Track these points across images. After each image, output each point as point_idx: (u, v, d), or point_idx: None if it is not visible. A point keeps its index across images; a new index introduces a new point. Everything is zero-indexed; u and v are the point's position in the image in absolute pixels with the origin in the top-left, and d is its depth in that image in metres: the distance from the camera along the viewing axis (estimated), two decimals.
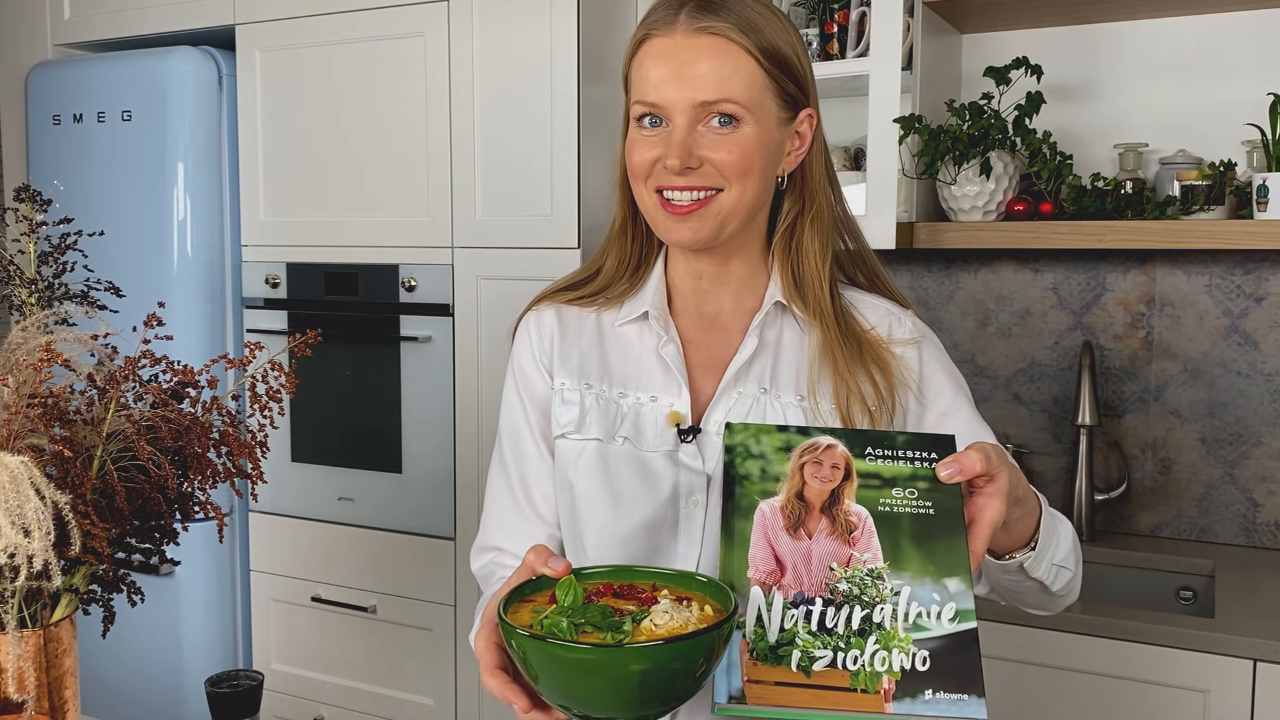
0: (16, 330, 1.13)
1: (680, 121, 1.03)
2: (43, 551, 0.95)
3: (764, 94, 1.05)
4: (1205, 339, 2.22)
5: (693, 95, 1.02)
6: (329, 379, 2.51)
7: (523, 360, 1.20)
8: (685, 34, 1.03)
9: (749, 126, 1.04)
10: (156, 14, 2.66)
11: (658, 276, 1.16)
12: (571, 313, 1.19)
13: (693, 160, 1.03)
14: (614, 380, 1.14)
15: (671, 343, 1.12)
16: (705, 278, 1.14)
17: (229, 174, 2.61)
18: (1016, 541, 0.98)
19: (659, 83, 1.04)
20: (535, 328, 1.20)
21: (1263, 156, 2.00)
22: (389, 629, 2.49)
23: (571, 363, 1.16)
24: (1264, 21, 2.14)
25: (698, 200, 1.05)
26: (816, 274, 1.11)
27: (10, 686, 1.06)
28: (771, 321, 1.13)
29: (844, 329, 1.10)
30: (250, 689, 1.22)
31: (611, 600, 0.85)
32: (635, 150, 1.07)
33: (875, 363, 1.09)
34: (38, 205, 1.32)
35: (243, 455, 1.18)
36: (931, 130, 2.09)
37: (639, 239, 1.17)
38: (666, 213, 1.06)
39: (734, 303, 1.15)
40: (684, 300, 1.16)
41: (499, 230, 2.29)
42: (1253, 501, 2.20)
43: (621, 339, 1.16)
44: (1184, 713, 1.74)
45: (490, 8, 2.26)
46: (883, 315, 1.14)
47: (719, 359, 1.12)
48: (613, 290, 1.17)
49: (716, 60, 1.03)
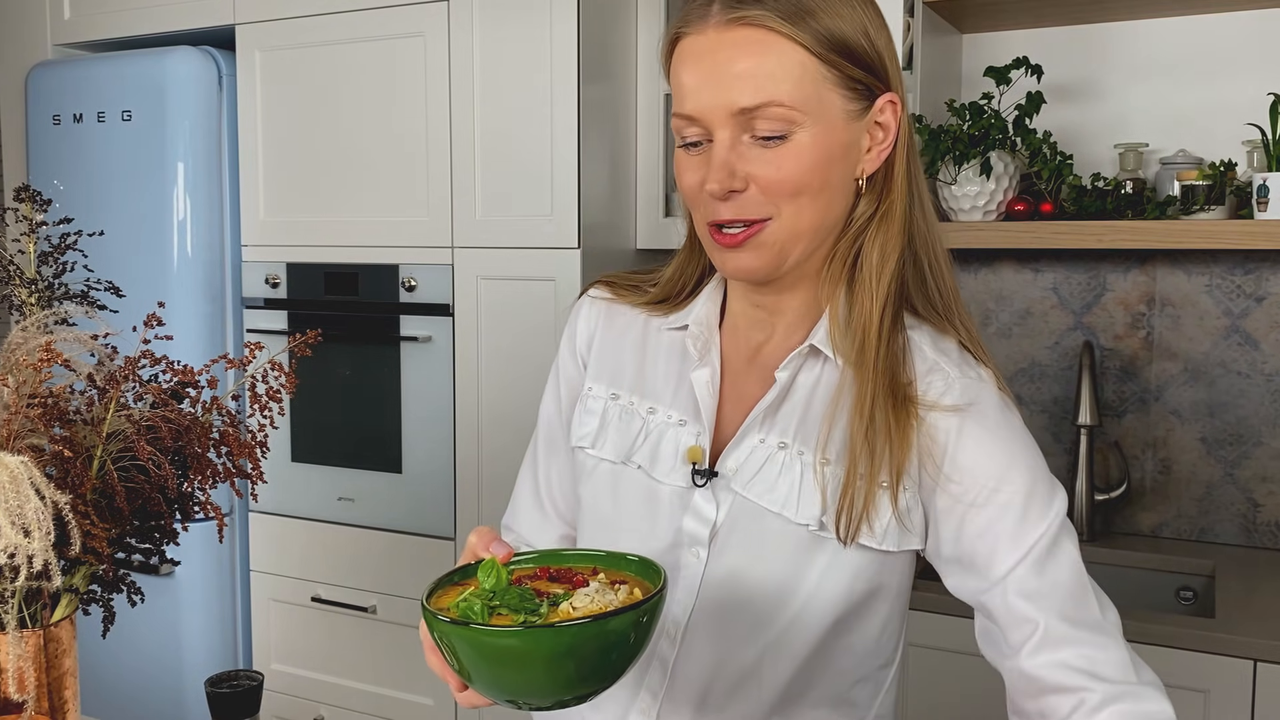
0: (16, 330, 1.13)
1: (721, 136, 0.88)
2: (43, 551, 0.95)
3: (821, 87, 0.88)
4: (1206, 339, 2.22)
5: (731, 101, 0.87)
6: (329, 379, 2.51)
7: (565, 346, 1.12)
8: (719, 28, 0.87)
9: (804, 133, 0.88)
10: (156, 14, 2.66)
11: (710, 290, 1.04)
12: (621, 309, 1.09)
13: (737, 182, 0.88)
14: (645, 393, 1.04)
15: (706, 367, 0.99)
16: (761, 306, 1.00)
17: (229, 174, 2.61)
18: None
19: (693, 90, 0.89)
20: (587, 314, 1.11)
21: (1263, 156, 2.00)
22: (389, 629, 2.48)
23: (606, 366, 1.07)
24: (1264, 21, 2.14)
25: (744, 229, 0.90)
26: (869, 293, 0.92)
27: (10, 686, 1.06)
28: (812, 363, 0.97)
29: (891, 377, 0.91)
30: (250, 689, 1.22)
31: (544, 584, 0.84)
32: (682, 173, 0.93)
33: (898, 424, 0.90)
34: (38, 205, 1.32)
35: (243, 455, 1.18)
36: (932, 130, 2.09)
37: (699, 256, 1.04)
38: (717, 244, 0.92)
39: (783, 335, 0.99)
40: (734, 321, 1.02)
41: (499, 230, 2.29)
42: (1253, 502, 2.20)
43: (664, 348, 1.05)
44: (1184, 713, 1.74)
45: (490, 8, 2.26)
46: (930, 367, 0.93)
47: (751, 395, 0.99)
48: (669, 299, 1.05)
49: (756, 57, 0.86)
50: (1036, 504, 0.90)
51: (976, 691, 1.88)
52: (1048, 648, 0.89)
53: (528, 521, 1.19)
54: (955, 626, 1.88)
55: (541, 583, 0.84)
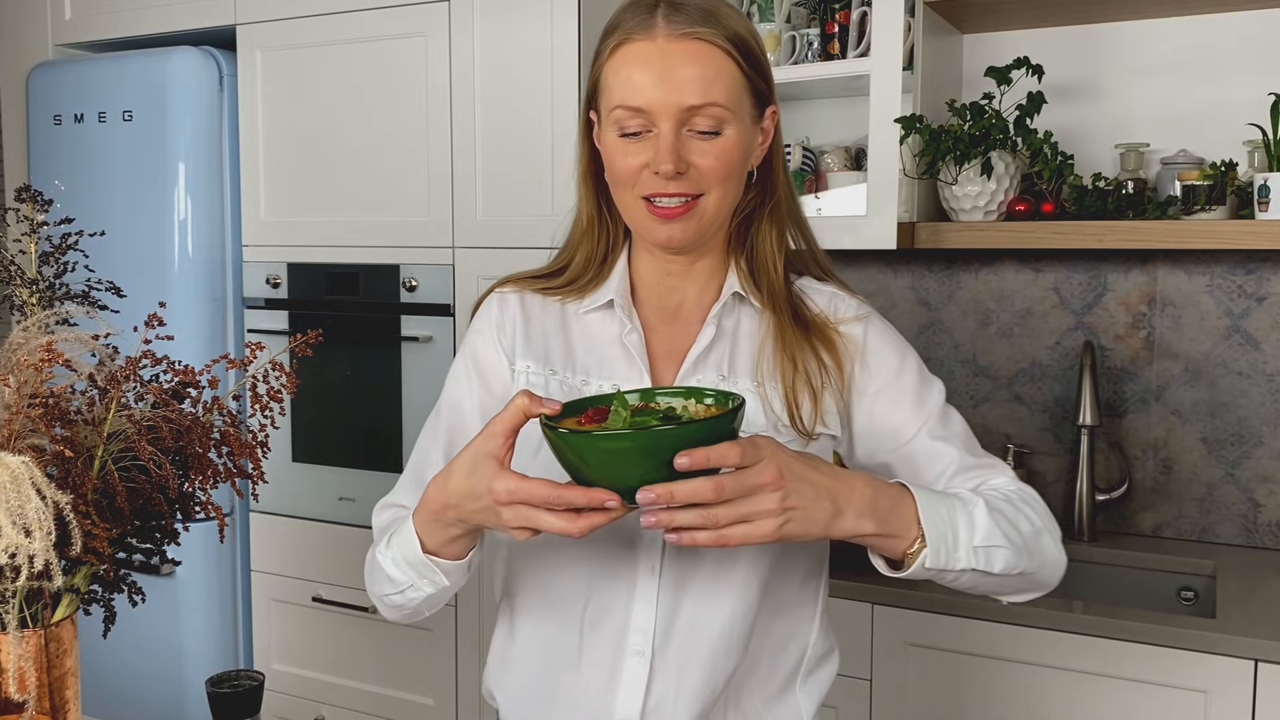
0: (17, 330, 1.14)
1: (666, 126, 1.05)
2: (44, 551, 0.95)
3: (742, 95, 1.08)
4: (1206, 339, 2.22)
5: (680, 99, 1.04)
6: (330, 379, 2.51)
7: (481, 339, 1.21)
8: (668, 39, 1.05)
9: (731, 129, 1.07)
10: (157, 14, 2.66)
11: (622, 268, 1.19)
12: (535, 300, 1.21)
13: (682, 165, 1.06)
14: (577, 368, 1.16)
15: (635, 331, 1.15)
16: (673, 273, 1.18)
17: (230, 174, 2.62)
18: (899, 544, 1.00)
19: (642, 88, 1.05)
20: (499, 309, 1.21)
21: (1264, 156, 2.00)
22: (389, 629, 2.49)
23: (536, 348, 1.18)
24: (1264, 21, 2.14)
25: (684, 204, 1.08)
26: (773, 262, 1.16)
27: (11, 686, 1.06)
28: (730, 311, 1.17)
29: (795, 313, 1.15)
30: (251, 689, 1.22)
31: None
32: (619, 158, 1.09)
33: (822, 342, 1.14)
34: (39, 205, 1.32)
35: (243, 455, 1.18)
36: (932, 130, 2.09)
37: (606, 234, 1.20)
38: (653, 216, 1.09)
39: (696, 294, 1.18)
40: (648, 291, 1.19)
41: (500, 230, 2.29)
42: (1254, 502, 2.20)
43: (585, 327, 1.18)
44: (1184, 713, 1.74)
45: (491, 8, 2.26)
46: (828, 299, 1.19)
47: (679, 348, 1.16)
48: (579, 282, 1.19)
49: (701, 65, 1.05)
50: (926, 382, 1.17)
51: (977, 691, 1.88)
52: (959, 476, 1.13)
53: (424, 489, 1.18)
54: (955, 626, 1.88)
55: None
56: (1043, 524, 1.10)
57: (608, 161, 1.12)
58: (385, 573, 1.09)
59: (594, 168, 1.17)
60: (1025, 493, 1.12)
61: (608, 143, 1.11)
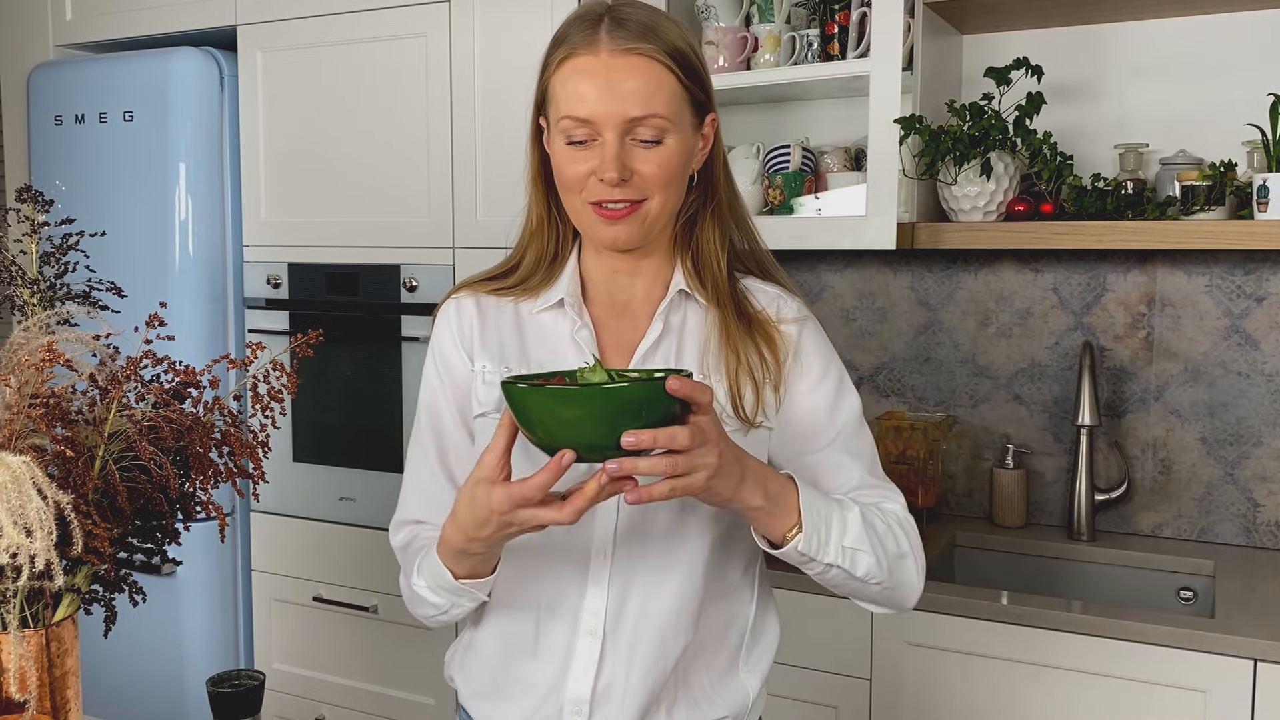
0: (18, 330, 1.14)
1: (610, 136, 1.12)
2: (45, 551, 0.95)
3: (682, 106, 1.14)
4: (1205, 339, 2.22)
5: (623, 111, 1.11)
6: (330, 379, 2.51)
7: (443, 343, 1.26)
8: (611, 54, 1.11)
9: (672, 138, 1.13)
10: (158, 14, 2.66)
11: (572, 267, 1.25)
12: (490, 301, 1.26)
13: (626, 172, 1.12)
14: (531, 364, 1.22)
15: (586, 328, 1.21)
16: (621, 271, 1.24)
17: (230, 174, 2.62)
18: (779, 524, 1.08)
19: (590, 99, 1.11)
20: (456, 314, 1.26)
21: (1263, 157, 2.00)
22: (390, 629, 2.49)
23: (492, 347, 1.23)
24: (1264, 21, 2.14)
25: (627, 206, 1.14)
26: (716, 260, 1.22)
27: (12, 686, 1.06)
28: (676, 307, 1.22)
29: (738, 309, 1.21)
30: (251, 689, 1.22)
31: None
32: (568, 164, 1.15)
33: (763, 339, 1.20)
34: (39, 206, 1.32)
35: (244, 455, 1.18)
36: (932, 131, 2.09)
37: (555, 235, 1.27)
38: (600, 217, 1.15)
39: (644, 291, 1.24)
40: (597, 289, 1.25)
41: (500, 230, 2.28)
42: (1253, 502, 2.20)
43: (538, 326, 1.24)
44: (1184, 713, 1.74)
45: (491, 8, 2.26)
46: (772, 298, 1.25)
47: (629, 343, 1.22)
48: (530, 282, 1.25)
49: (643, 78, 1.11)
50: (843, 394, 1.24)
51: (977, 691, 1.88)
52: (856, 493, 1.20)
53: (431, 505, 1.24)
54: (955, 626, 1.88)
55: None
56: (910, 550, 1.18)
57: (556, 168, 1.18)
58: (424, 599, 1.18)
59: (544, 171, 1.24)
60: (906, 521, 1.20)
61: (556, 150, 1.17)
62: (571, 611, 1.18)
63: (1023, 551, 2.25)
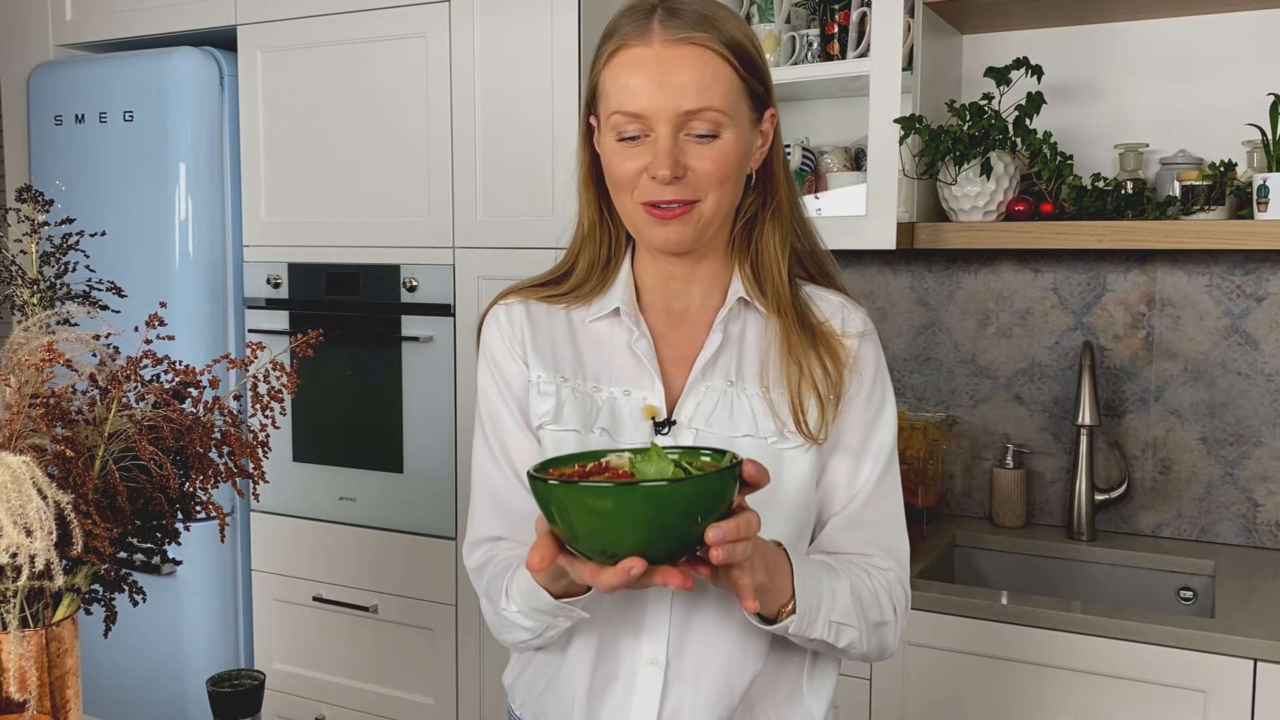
0: (19, 330, 1.14)
1: (664, 131, 1.06)
2: (45, 551, 0.95)
3: (740, 100, 1.08)
4: (1205, 339, 2.22)
5: (677, 104, 1.05)
6: (330, 379, 2.51)
7: (496, 349, 1.21)
8: (664, 44, 1.05)
9: (729, 133, 1.07)
10: (158, 14, 2.66)
11: (626, 274, 1.19)
12: (540, 309, 1.21)
13: (679, 169, 1.06)
14: (588, 375, 1.17)
15: (644, 338, 1.15)
16: (677, 277, 1.18)
17: (230, 174, 2.62)
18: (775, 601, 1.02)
19: (640, 93, 1.06)
20: (506, 319, 1.21)
21: (1263, 157, 2.00)
22: (390, 629, 2.49)
23: (545, 357, 1.18)
24: (1264, 21, 2.14)
25: (680, 206, 1.08)
26: (776, 266, 1.16)
27: (12, 686, 1.06)
28: (736, 316, 1.17)
29: (800, 318, 1.16)
30: (251, 688, 1.22)
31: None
32: (618, 161, 1.09)
33: (827, 351, 1.15)
34: (39, 205, 1.33)
35: (244, 455, 1.18)
36: (932, 130, 2.09)
37: (608, 239, 1.20)
38: (652, 218, 1.09)
39: (701, 299, 1.18)
40: (652, 296, 1.19)
41: (500, 230, 2.29)
42: (1253, 501, 2.20)
43: (592, 335, 1.19)
44: (1184, 713, 1.74)
45: (491, 8, 2.26)
46: (836, 309, 1.19)
47: (687, 353, 1.17)
48: (583, 289, 1.20)
49: (698, 70, 1.05)
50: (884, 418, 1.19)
51: (977, 691, 1.88)
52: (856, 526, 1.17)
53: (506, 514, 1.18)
54: (955, 626, 1.88)
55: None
56: (894, 618, 1.14)
57: (606, 166, 1.12)
58: (516, 624, 1.11)
59: (595, 173, 1.17)
60: (896, 586, 1.16)
61: (606, 147, 1.11)
62: (632, 638, 1.13)
63: (1023, 551, 2.25)
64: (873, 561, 1.16)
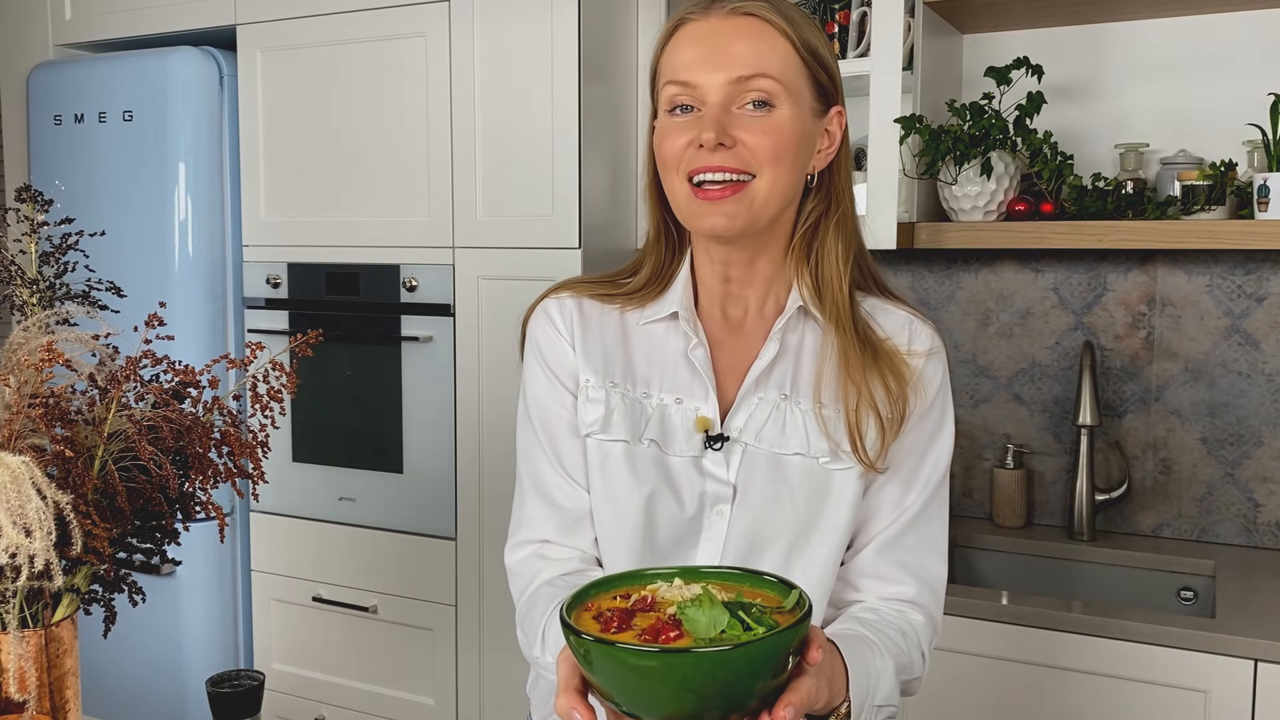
0: (18, 330, 1.14)
1: (714, 99, 1.02)
2: (44, 551, 0.95)
3: (800, 77, 1.04)
4: (1206, 339, 2.22)
5: (728, 73, 1.01)
6: (330, 379, 2.51)
7: (544, 341, 1.18)
8: (721, 16, 1.03)
9: (784, 108, 1.03)
10: (157, 14, 2.66)
11: (684, 277, 1.15)
12: (593, 307, 1.17)
13: (727, 138, 1.01)
14: (638, 380, 1.13)
15: (701, 346, 1.11)
16: (734, 279, 1.13)
17: (230, 174, 2.62)
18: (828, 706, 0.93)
19: (692, 62, 1.03)
20: (558, 312, 1.18)
21: (1263, 156, 2.00)
22: (390, 629, 2.49)
23: (595, 358, 1.14)
24: (1264, 21, 2.14)
25: (730, 184, 1.02)
26: (838, 277, 1.10)
27: (11, 686, 1.06)
28: (794, 326, 1.12)
29: (860, 337, 1.10)
30: (251, 689, 1.22)
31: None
32: (667, 138, 1.05)
33: (891, 371, 1.09)
34: (39, 205, 1.32)
35: (244, 455, 1.18)
36: (932, 130, 2.09)
37: (671, 247, 1.16)
38: (699, 199, 1.04)
39: (758, 305, 1.14)
40: (710, 300, 1.15)
41: (500, 230, 2.29)
42: (1253, 502, 2.20)
43: (646, 338, 1.15)
44: (1184, 713, 1.74)
45: (491, 8, 2.26)
46: (901, 324, 1.13)
47: (741, 363, 1.12)
48: (641, 294, 1.16)
49: (754, 39, 1.02)
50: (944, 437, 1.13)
51: (977, 691, 1.88)
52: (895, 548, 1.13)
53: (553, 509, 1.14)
54: (955, 626, 1.88)
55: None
56: (921, 672, 1.12)
57: (657, 147, 1.08)
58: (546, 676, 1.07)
59: (658, 181, 1.12)
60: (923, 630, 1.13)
61: (660, 128, 1.07)
62: None
63: (1023, 551, 2.25)
64: (909, 617, 1.12)
